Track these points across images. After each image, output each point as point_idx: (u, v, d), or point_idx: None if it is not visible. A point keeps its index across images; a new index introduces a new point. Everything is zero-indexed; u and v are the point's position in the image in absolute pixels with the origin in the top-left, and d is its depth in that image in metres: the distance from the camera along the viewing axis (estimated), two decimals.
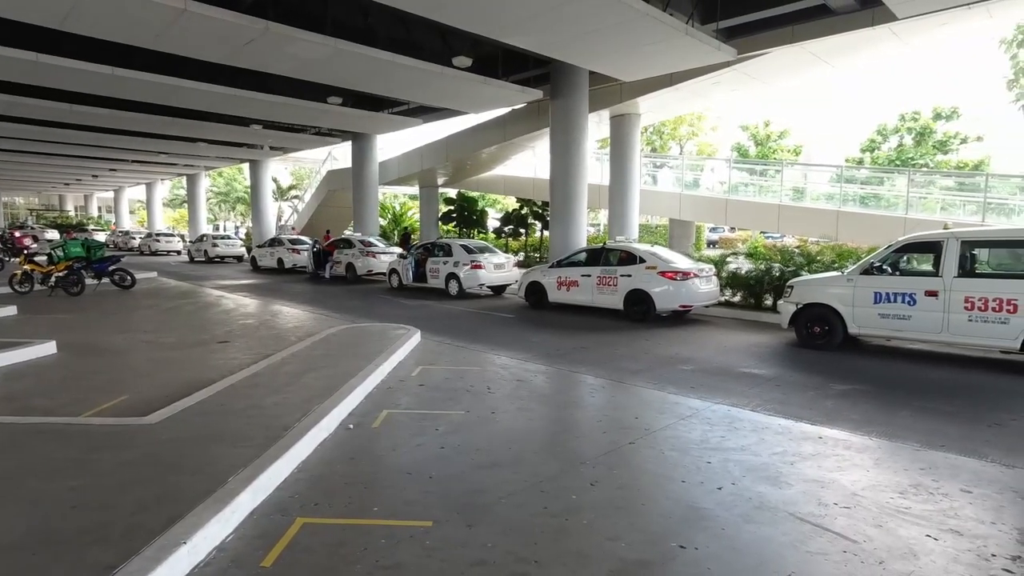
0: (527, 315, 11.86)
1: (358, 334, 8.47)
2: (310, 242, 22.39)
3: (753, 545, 3.03)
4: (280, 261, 22.43)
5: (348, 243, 19.32)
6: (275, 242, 23.58)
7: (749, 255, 13.01)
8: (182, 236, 38.23)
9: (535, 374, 6.85)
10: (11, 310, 10.21)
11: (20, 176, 41.52)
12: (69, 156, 29.59)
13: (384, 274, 17.53)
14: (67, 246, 13.78)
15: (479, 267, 14.36)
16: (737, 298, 12.20)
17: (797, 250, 12.31)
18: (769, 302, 11.50)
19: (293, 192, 48.11)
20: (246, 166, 36.30)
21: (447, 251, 15.15)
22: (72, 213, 59.78)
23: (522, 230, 26.55)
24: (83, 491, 3.32)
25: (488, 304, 13.49)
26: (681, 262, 11.07)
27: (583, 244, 15.36)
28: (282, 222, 39.82)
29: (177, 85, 14.28)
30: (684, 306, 10.57)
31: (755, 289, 11.77)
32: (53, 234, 38.56)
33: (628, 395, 6.07)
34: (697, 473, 3.94)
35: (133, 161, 32.08)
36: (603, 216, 36.23)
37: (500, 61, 14.49)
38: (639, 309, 10.72)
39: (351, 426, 4.80)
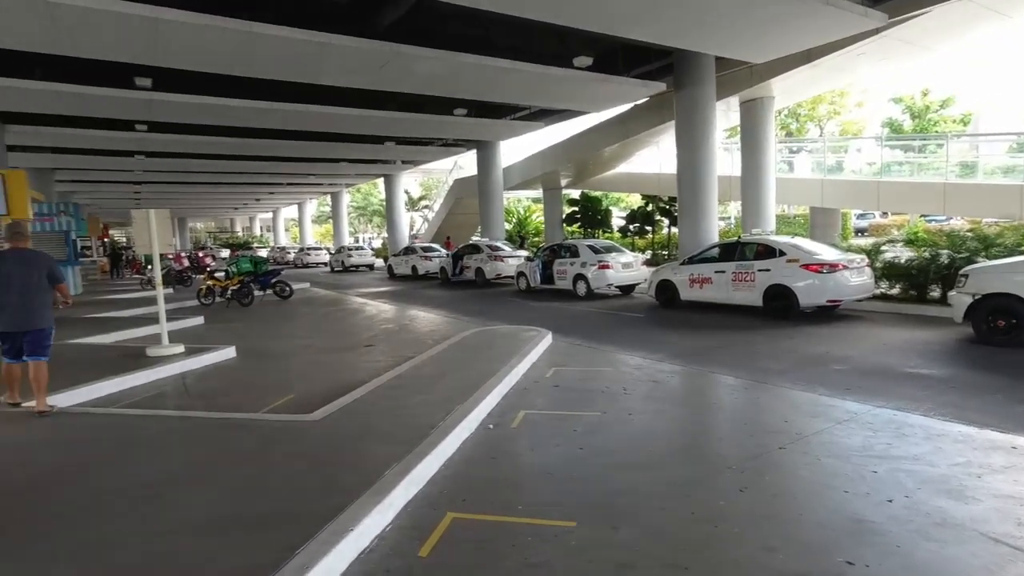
0: (658, 314, 11.56)
1: (491, 337, 8.74)
2: (443, 250, 23.54)
3: (935, 565, 2.72)
4: (414, 268, 23.72)
5: (476, 248, 20.00)
6: (409, 251, 25.01)
7: (908, 242, 11.68)
8: (327, 249, 41.88)
9: (670, 375, 6.65)
10: (199, 320, 11.79)
11: (202, 204, 48.19)
12: (238, 184, 33.80)
13: (512, 277, 17.93)
14: (238, 263, 15.62)
15: (607, 267, 14.23)
16: (896, 290, 11.00)
17: (970, 233, 10.84)
18: (936, 293, 10.25)
19: (423, 202, 50.80)
20: (381, 181, 39.00)
21: (574, 252, 15.17)
22: (240, 233, 67.73)
23: (648, 228, 25.92)
24: (263, 478, 3.74)
25: (617, 304, 13.33)
26: (827, 253, 10.20)
27: (715, 239, 14.68)
28: (413, 231, 42.29)
29: (322, 111, 15.69)
30: (832, 301, 9.73)
31: (918, 279, 10.54)
32: (226, 252, 44.00)
33: (773, 397, 5.70)
34: (861, 483, 3.60)
35: (288, 184, 35.80)
36: (733, 209, 34.38)
37: (620, 57, 14.27)
38: (780, 305, 10.02)
39: (491, 426, 4.96)
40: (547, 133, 23.17)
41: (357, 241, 54.53)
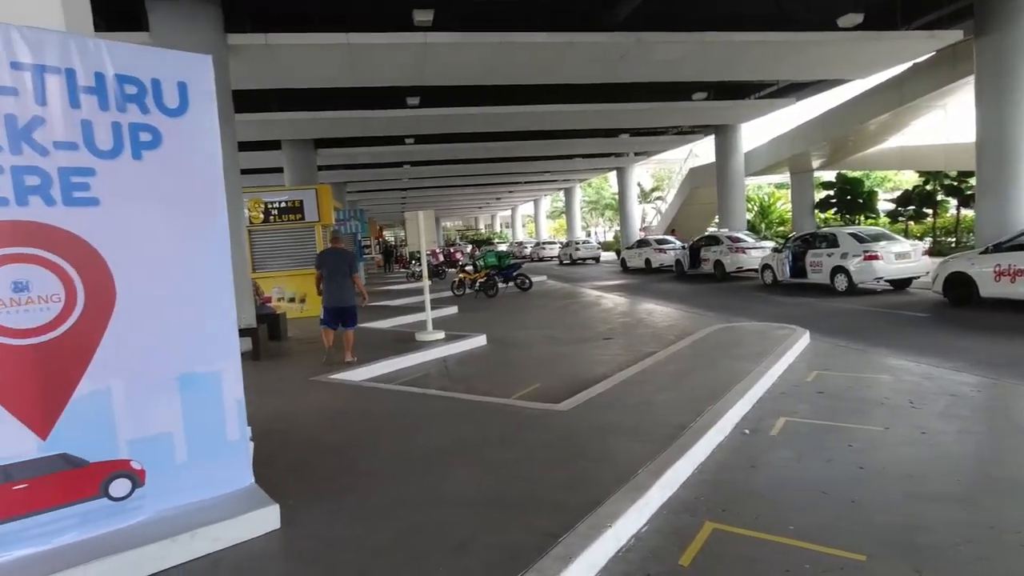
0: (948, 314, 9.62)
1: (739, 334, 8.13)
2: (677, 242, 22.81)
3: None
4: (647, 261, 23.31)
5: (715, 240, 18.90)
6: (642, 243, 24.68)
7: None
8: (560, 243, 43.61)
9: (975, 388, 5.43)
10: (454, 309, 13.14)
11: (453, 205, 54.20)
12: (484, 185, 37.18)
13: (754, 270, 16.67)
14: (485, 257, 17.05)
15: (875, 258, 12.28)
16: None
17: None
18: None
19: (656, 194, 49.80)
20: (611, 175, 39.29)
21: (832, 241, 13.44)
22: (482, 230, 74.24)
23: (928, 210, 21.80)
24: (522, 463, 3.95)
25: (887, 301, 11.44)
26: None
27: None
28: (644, 224, 41.73)
29: (560, 110, 16.29)
30: None
31: None
32: (468, 248, 48.64)
33: None
34: None
35: (525, 183, 38.15)
36: None
37: (899, 7, 12.08)
38: None
39: (747, 431, 4.58)
40: (792, 112, 20.91)
41: (589, 235, 55.77)
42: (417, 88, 13.58)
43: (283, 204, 13.07)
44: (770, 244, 18.20)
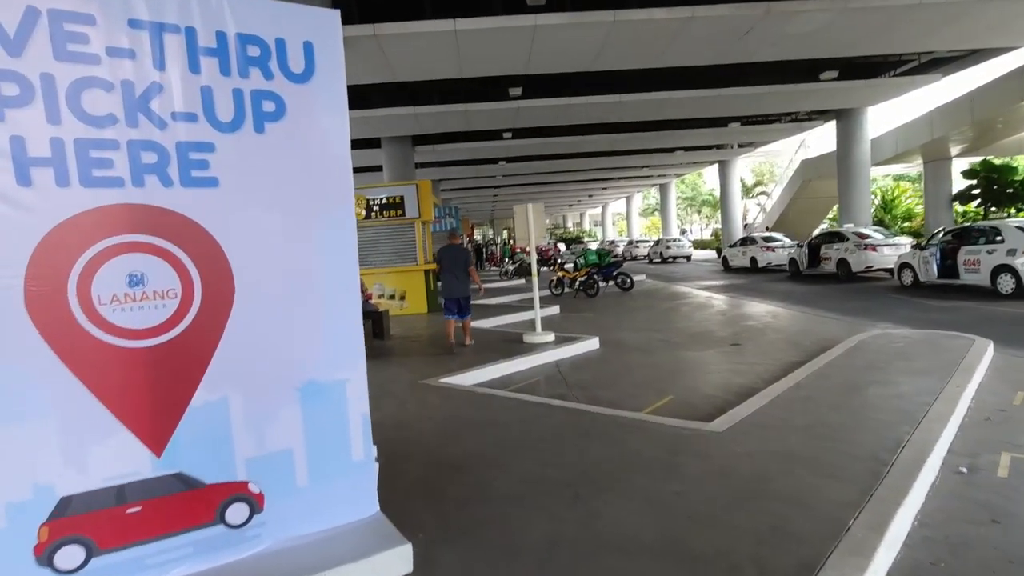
0: None
1: (899, 343, 6.97)
2: (788, 241, 21.09)
3: None
4: (753, 260, 21.71)
5: (838, 236, 17.15)
6: (747, 241, 23.03)
7: None
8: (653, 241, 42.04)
9: None
10: (555, 309, 12.52)
11: (543, 203, 53.68)
12: (577, 181, 36.40)
13: (884, 270, 15.10)
14: (586, 255, 16.32)
15: None
16: None
17: None
18: None
19: (758, 189, 46.95)
20: (706, 170, 37.32)
21: (991, 236, 11.67)
22: (571, 228, 73.25)
23: None
24: (689, 499, 3.25)
25: None
26: None
27: None
28: (747, 221, 39.30)
29: (669, 97, 15.29)
30: None
31: None
32: (560, 247, 47.87)
33: None
34: None
35: (619, 178, 36.97)
36: None
37: None
38: None
39: (963, 469, 3.65)
40: (919, 93, 18.51)
41: (683, 233, 53.61)
42: (520, 78, 13.09)
43: (384, 200, 12.99)
44: (906, 240, 16.29)
